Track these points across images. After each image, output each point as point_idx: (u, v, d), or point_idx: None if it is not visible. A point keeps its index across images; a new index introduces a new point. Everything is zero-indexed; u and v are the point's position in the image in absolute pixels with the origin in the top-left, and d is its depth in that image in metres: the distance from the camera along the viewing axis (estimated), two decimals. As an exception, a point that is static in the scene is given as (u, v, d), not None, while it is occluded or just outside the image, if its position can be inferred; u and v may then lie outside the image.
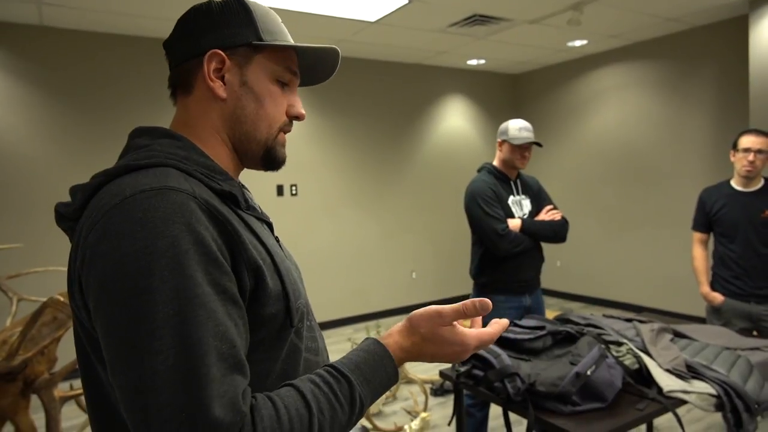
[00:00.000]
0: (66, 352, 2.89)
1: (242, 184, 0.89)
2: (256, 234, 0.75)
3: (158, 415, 0.57)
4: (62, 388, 2.39)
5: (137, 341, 0.59)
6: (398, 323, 0.79)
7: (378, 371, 0.73)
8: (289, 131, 0.87)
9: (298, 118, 0.86)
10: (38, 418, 3.16)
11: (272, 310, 0.72)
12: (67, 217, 0.75)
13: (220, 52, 0.78)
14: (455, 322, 0.77)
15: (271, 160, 0.85)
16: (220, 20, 0.79)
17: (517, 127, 2.52)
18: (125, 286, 0.60)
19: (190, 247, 0.62)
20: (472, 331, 0.78)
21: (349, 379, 0.70)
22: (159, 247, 0.61)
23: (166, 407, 0.57)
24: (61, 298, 2.13)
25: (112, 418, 0.70)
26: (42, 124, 4.13)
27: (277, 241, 0.87)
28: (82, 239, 0.66)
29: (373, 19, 4.30)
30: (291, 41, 0.85)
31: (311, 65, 0.89)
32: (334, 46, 0.86)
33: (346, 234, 5.59)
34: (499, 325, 0.79)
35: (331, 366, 0.72)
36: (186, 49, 0.80)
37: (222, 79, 0.79)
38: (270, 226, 0.86)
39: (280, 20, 0.86)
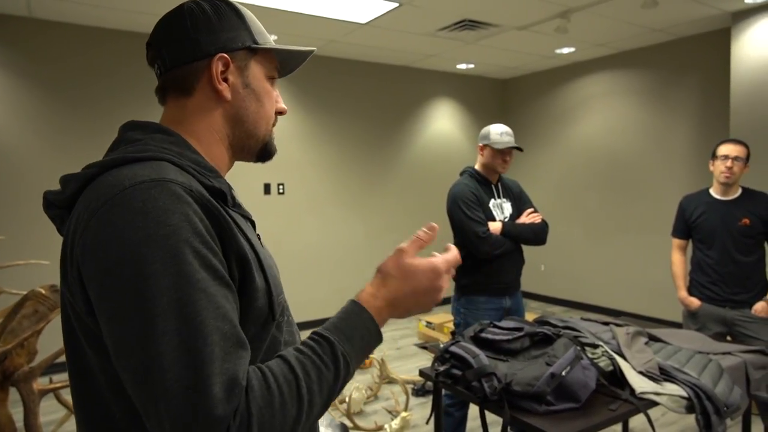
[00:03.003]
0: (46, 344, 2.87)
1: (228, 183, 0.91)
2: (242, 230, 0.78)
3: (165, 394, 0.60)
4: (42, 382, 2.38)
5: (143, 324, 0.61)
6: None
7: (357, 327, 0.77)
8: (275, 125, 0.92)
9: (282, 112, 0.91)
10: (17, 411, 3.13)
11: (258, 304, 0.75)
12: (56, 205, 0.77)
13: (226, 55, 0.81)
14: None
15: (267, 153, 0.91)
16: (218, 24, 0.82)
17: (498, 132, 2.56)
18: (129, 272, 0.63)
19: (189, 236, 0.65)
20: (435, 256, 0.85)
21: (329, 339, 0.74)
22: (161, 236, 0.64)
23: (173, 386, 0.60)
24: (43, 291, 2.13)
25: (101, 411, 0.72)
26: (28, 116, 4.09)
27: (258, 238, 0.89)
28: (81, 228, 0.67)
29: (363, 21, 4.33)
30: (271, 41, 0.89)
31: (284, 62, 0.93)
32: (313, 48, 0.92)
33: (332, 233, 5.60)
34: (454, 248, 0.88)
35: (313, 332, 0.76)
36: (185, 51, 0.81)
37: (226, 81, 0.82)
38: (253, 223, 0.88)
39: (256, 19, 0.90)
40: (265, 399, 0.64)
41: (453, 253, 0.87)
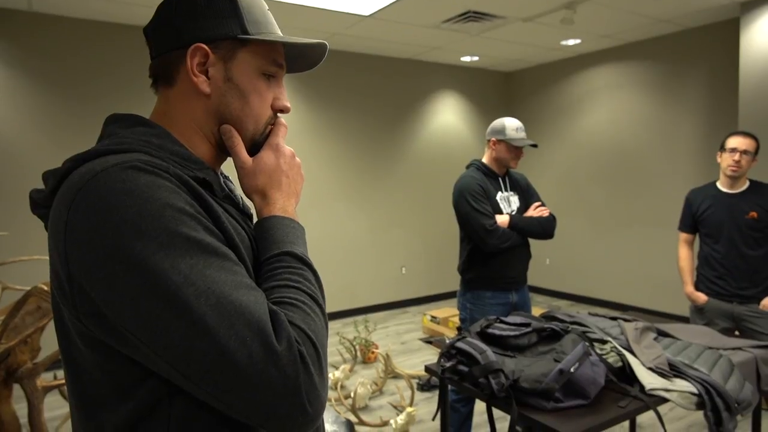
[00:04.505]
0: (50, 341, 2.86)
1: (226, 176, 0.88)
2: (230, 218, 0.75)
3: (227, 350, 0.59)
4: (45, 378, 2.37)
5: (172, 295, 0.59)
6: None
7: (291, 233, 0.78)
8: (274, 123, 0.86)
9: (284, 111, 0.84)
10: (21, 407, 3.13)
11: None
12: (40, 203, 0.74)
13: (204, 46, 0.75)
14: None
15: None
16: (204, 10, 0.76)
17: (514, 128, 2.52)
18: (133, 253, 0.59)
19: (183, 205, 0.64)
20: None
21: (289, 251, 0.75)
22: (155, 209, 0.61)
23: (231, 340, 0.59)
24: (45, 287, 2.12)
25: (97, 411, 0.69)
26: (29, 112, 4.08)
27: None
28: (61, 226, 0.63)
29: (367, 13, 4.29)
30: (277, 31, 0.83)
31: (297, 56, 0.87)
32: (322, 41, 0.83)
33: (336, 228, 5.59)
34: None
35: (269, 256, 0.74)
36: (167, 39, 0.77)
37: (206, 73, 0.77)
38: (251, 218, 0.85)
39: (266, 7, 0.83)
40: (298, 313, 0.67)
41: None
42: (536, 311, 3.71)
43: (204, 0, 0.77)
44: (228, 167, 0.83)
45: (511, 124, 2.52)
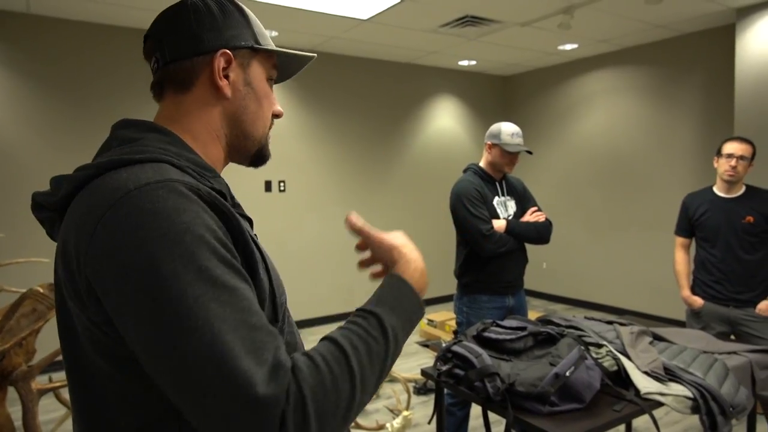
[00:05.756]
0: (45, 344, 2.86)
1: (226, 183, 0.89)
2: (246, 233, 0.76)
3: (208, 392, 0.58)
4: (40, 381, 2.37)
5: (172, 325, 0.59)
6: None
7: (400, 298, 0.77)
8: (272, 127, 0.91)
9: (279, 115, 0.90)
10: (15, 411, 3.12)
11: (264, 306, 0.73)
12: (46, 207, 0.74)
13: (229, 52, 0.80)
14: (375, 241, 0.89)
15: (261, 157, 0.90)
16: (223, 21, 0.81)
17: (510, 133, 2.52)
18: (148, 274, 0.60)
19: (204, 233, 0.64)
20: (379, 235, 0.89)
21: (374, 312, 0.73)
22: (175, 233, 0.62)
23: (213, 383, 0.58)
24: (41, 290, 2.11)
25: (105, 421, 0.69)
26: (27, 114, 4.08)
27: (256, 238, 0.87)
28: (86, 236, 0.65)
29: (365, 17, 4.30)
30: (272, 43, 0.89)
31: (283, 65, 0.92)
32: (314, 54, 0.92)
33: (334, 231, 5.59)
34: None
35: (358, 309, 0.75)
36: (186, 45, 0.79)
37: (227, 78, 0.81)
38: (251, 223, 0.87)
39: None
40: (316, 378, 0.62)
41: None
42: (533, 315, 3.71)
43: (221, 12, 0.81)
44: (228, 170, 0.84)
45: (507, 129, 2.53)
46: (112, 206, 0.64)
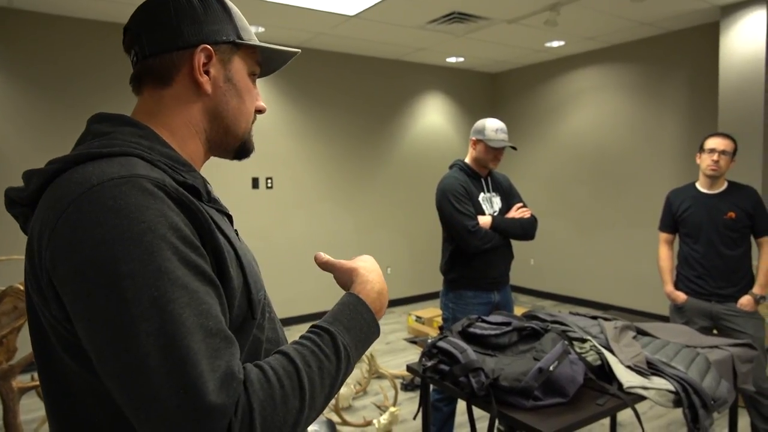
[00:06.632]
0: (26, 342, 2.82)
1: (203, 177, 0.88)
2: (219, 226, 0.75)
3: (156, 398, 0.57)
4: (22, 380, 2.33)
5: (125, 326, 0.58)
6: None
7: (356, 318, 0.77)
8: (254, 122, 0.90)
9: (262, 111, 0.89)
10: (-2, 410, 3.08)
11: (235, 303, 0.72)
12: (18, 202, 0.73)
13: (210, 47, 0.79)
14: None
15: (245, 151, 0.89)
16: (204, 15, 0.79)
17: (494, 128, 2.53)
18: (105, 272, 0.59)
19: (166, 232, 0.62)
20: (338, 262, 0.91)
21: (328, 330, 0.73)
22: (135, 233, 0.60)
23: (162, 389, 0.57)
24: (21, 287, 2.08)
25: (78, 416, 0.69)
26: (11, 111, 4.01)
27: (236, 234, 0.86)
28: (48, 231, 0.64)
29: (352, 13, 4.28)
30: (255, 38, 0.87)
31: (264, 61, 0.91)
32: (297, 50, 0.92)
33: (321, 228, 5.57)
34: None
35: (313, 325, 0.75)
36: (166, 39, 0.78)
37: (207, 74, 0.80)
38: (230, 218, 0.85)
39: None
40: (266, 392, 0.62)
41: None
42: (520, 311, 3.74)
43: (202, 6, 0.80)
44: (207, 165, 0.82)
45: (491, 125, 2.53)
46: (73, 201, 0.63)
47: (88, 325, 0.61)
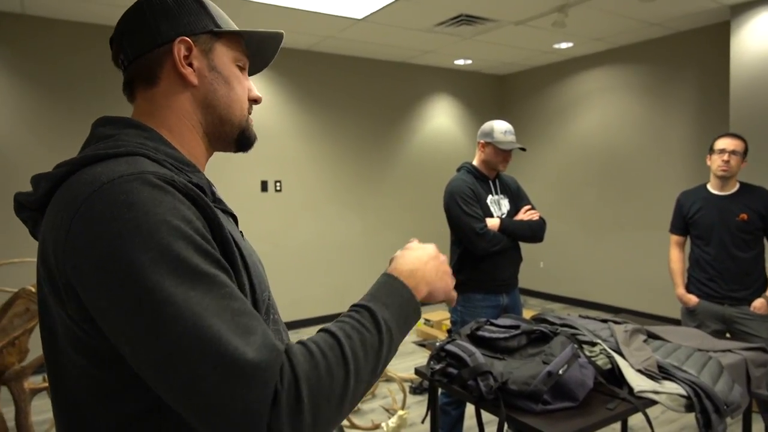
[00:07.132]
0: (38, 343, 2.85)
1: (207, 178, 0.89)
2: (224, 226, 0.75)
3: (195, 378, 0.57)
4: (34, 381, 2.35)
5: (154, 314, 0.59)
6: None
7: (393, 295, 0.76)
8: (251, 113, 0.90)
9: (257, 101, 0.89)
10: (8, 411, 3.11)
11: None
12: (27, 207, 0.74)
13: (188, 39, 0.79)
14: None
15: (245, 140, 0.88)
16: (178, 10, 0.80)
17: (502, 130, 2.52)
18: (124, 265, 0.60)
19: (180, 223, 0.63)
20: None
21: (367, 306, 0.72)
22: (151, 224, 0.61)
23: (200, 368, 0.57)
24: (34, 289, 2.10)
25: (82, 419, 0.69)
26: (20, 114, 4.06)
27: (241, 234, 0.86)
28: (62, 232, 0.64)
29: (360, 17, 4.29)
30: (235, 26, 0.88)
31: (254, 53, 0.91)
32: (280, 31, 0.90)
33: (330, 231, 5.58)
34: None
35: (351, 305, 0.75)
36: (145, 39, 0.79)
37: (191, 66, 0.80)
38: (235, 219, 0.86)
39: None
40: (310, 362, 0.62)
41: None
42: (528, 314, 3.71)
43: (174, 2, 0.80)
44: (211, 166, 0.82)
45: (499, 127, 2.52)
46: (85, 200, 0.63)
47: (116, 320, 0.61)
